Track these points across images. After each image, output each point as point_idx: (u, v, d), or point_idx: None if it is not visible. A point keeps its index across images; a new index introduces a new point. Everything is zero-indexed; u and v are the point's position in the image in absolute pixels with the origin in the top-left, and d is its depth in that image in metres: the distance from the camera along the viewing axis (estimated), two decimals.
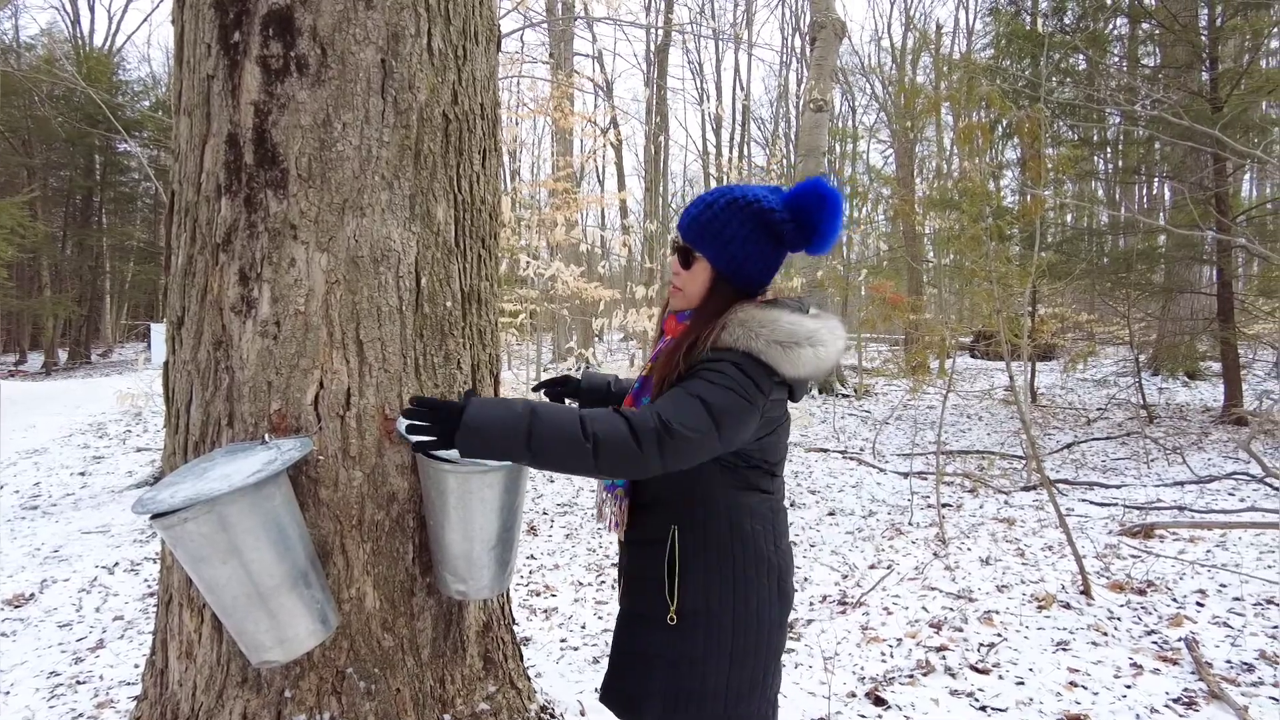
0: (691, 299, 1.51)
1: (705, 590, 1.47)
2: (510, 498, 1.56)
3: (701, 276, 1.48)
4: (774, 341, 1.40)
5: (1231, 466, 7.15)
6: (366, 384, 1.57)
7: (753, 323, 1.42)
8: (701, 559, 1.48)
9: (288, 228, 1.53)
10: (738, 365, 1.38)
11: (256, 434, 1.52)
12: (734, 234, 1.45)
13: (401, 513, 1.62)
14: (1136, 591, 3.90)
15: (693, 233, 1.48)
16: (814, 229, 1.45)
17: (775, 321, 1.43)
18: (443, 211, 1.71)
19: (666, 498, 1.52)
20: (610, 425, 1.27)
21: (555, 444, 1.25)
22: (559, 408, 1.32)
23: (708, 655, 1.46)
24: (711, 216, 1.46)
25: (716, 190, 1.50)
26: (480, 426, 1.23)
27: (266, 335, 1.53)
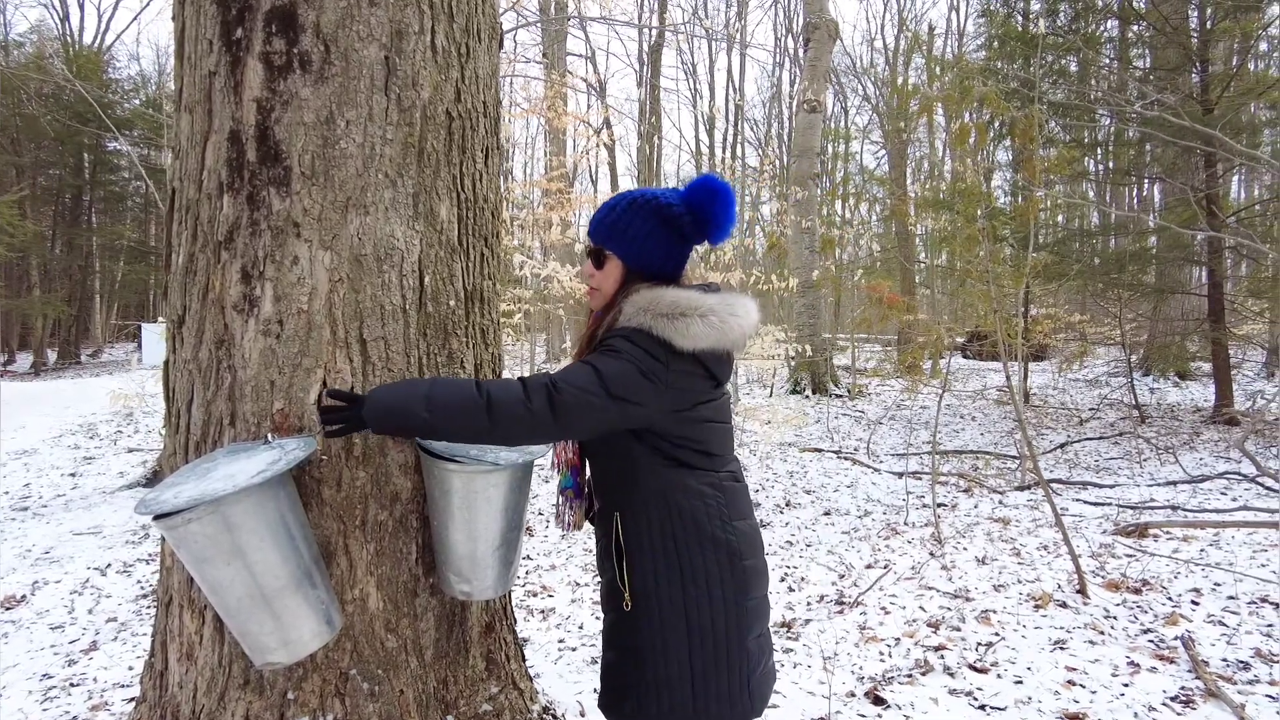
0: (607, 296, 1.59)
1: (653, 573, 1.50)
2: (515, 498, 1.56)
3: (613, 274, 1.58)
4: (660, 315, 1.48)
5: (1223, 466, 7.20)
6: (370, 383, 1.56)
7: (641, 300, 1.52)
8: (644, 541, 1.51)
9: (291, 226, 1.52)
10: (627, 338, 1.46)
11: (259, 434, 1.50)
12: (637, 231, 1.55)
13: (405, 513, 1.61)
14: (1132, 590, 3.92)
15: (601, 234, 1.58)
16: (709, 220, 1.57)
17: (661, 297, 1.51)
18: (446, 210, 1.70)
19: (606, 487, 1.58)
20: (503, 385, 1.35)
21: (451, 404, 1.32)
22: (458, 382, 1.38)
23: (666, 638, 1.49)
24: (616, 217, 1.56)
25: (619, 194, 1.60)
26: (382, 396, 1.34)
27: (269, 334, 1.51)
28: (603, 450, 1.54)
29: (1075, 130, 9.36)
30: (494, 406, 1.32)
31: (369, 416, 1.32)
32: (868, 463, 8.03)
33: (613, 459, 1.52)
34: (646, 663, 1.49)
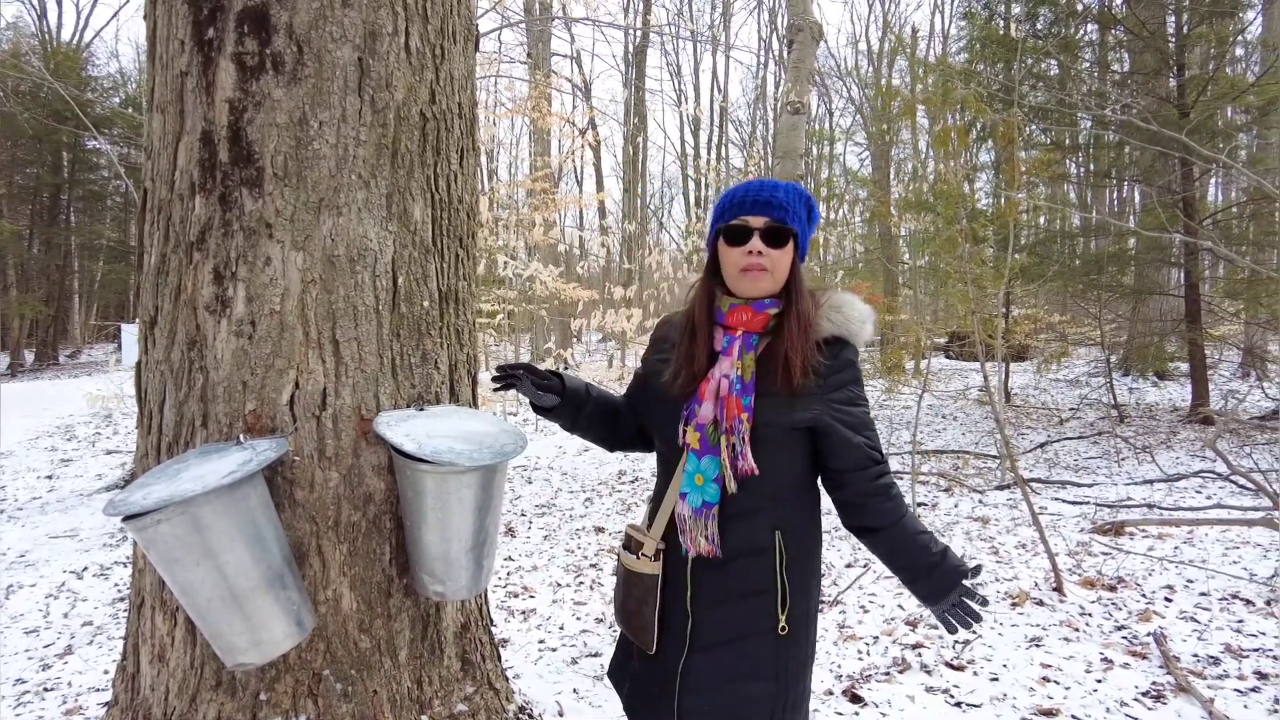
0: (779, 281, 1.50)
1: (808, 593, 1.51)
2: (488, 498, 1.56)
3: (789, 258, 1.50)
4: (863, 321, 1.53)
5: (1199, 465, 7.30)
6: (343, 384, 1.56)
7: (845, 307, 1.52)
8: (804, 562, 1.50)
9: (263, 226, 1.52)
10: (858, 365, 1.52)
11: (231, 435, 1.50)
12: (803, 215, 1.53)
13: (378, 514, 1.61)
14: (1107, 588, 3.97)
15: (790, 213, 1.50)
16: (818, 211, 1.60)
17: (855, 304, 1.55)
18: (420, 211, 1.70)
19: (763, 505, 1.48)
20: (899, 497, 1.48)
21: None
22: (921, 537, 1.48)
23: (806, 656, 1.51)
24: (798, 198, 1.52)
25: (765, 180, 1.55)
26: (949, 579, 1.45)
27: (241, 335, 1.51)
28: (784, 467, 1.48)
29: (1056, 133, 9.46)
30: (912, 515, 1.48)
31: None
32: None
33: (789, 476, 1.48)
34: (790, 685, 1.48)
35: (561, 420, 1.61)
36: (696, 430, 1.46)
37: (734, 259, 1.49)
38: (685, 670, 1.49)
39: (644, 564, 1.53)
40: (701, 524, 1.46)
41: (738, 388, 1.44)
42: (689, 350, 1.52)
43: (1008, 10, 11.54)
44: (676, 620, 1.51)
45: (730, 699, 1.45)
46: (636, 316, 7.04)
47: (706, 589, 1.49)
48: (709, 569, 1.48)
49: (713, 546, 1.47)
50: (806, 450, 1.48)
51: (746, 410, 1.42)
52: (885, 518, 1.46)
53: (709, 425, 1.45)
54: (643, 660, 1.58)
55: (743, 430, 1.41)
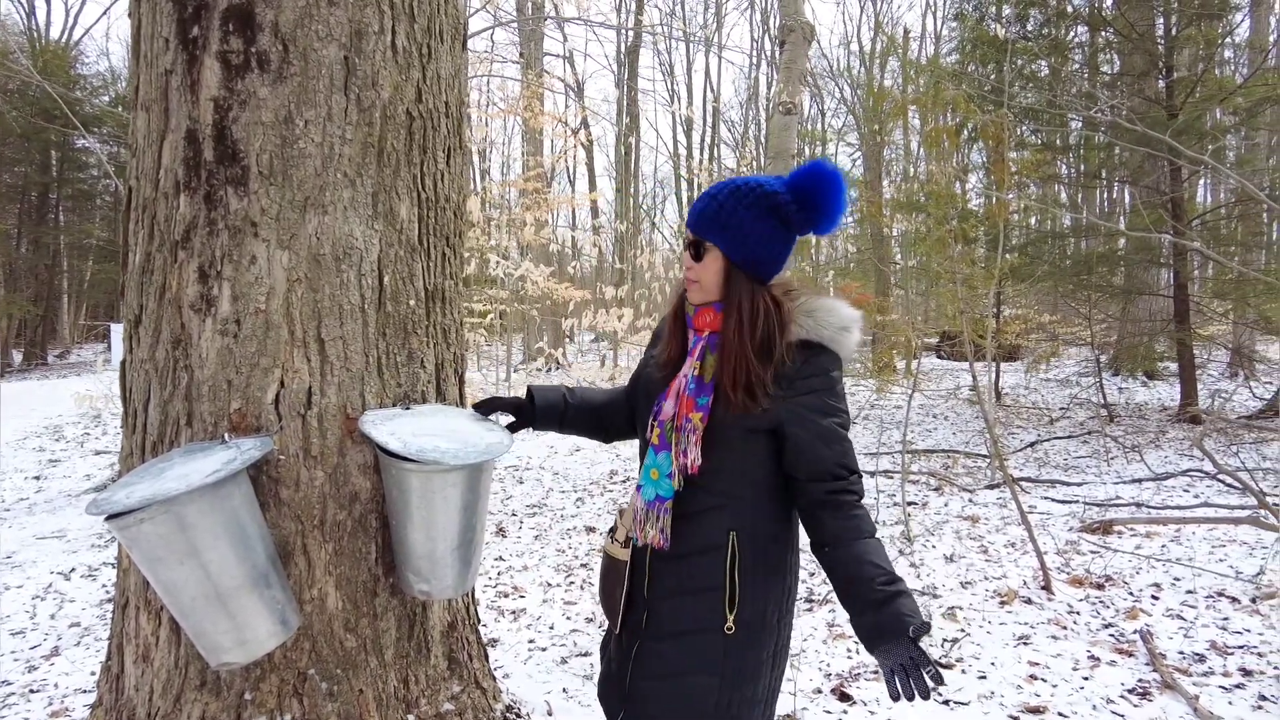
0: (709, 290, 1.51)
1: (765, 595, 1.49)
2: (473, 497, 1.56)
3: (713, 266, 1.48)
4: (841, 328, 1.48)
5: (1186, 464, 7.35)
6: (328, 383, 1.56)
7: (820, 312, 1.48)
8: (761, 566, 1.49)
9: (248, 225, 1.52)
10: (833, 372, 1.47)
11: (216, 434, 1.50)
12: (740, 220, 1.45)
13: (364, 513, 1.61)
14: (1095, 586, 3.99)
15: (701, 224, 1.49)
16: (817, 209, 1.47)
17: (834, 308, 1.50)
18: (406, 209, 1.70)
19: (721, 504, 1.50)
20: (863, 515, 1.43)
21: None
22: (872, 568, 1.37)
23: (761, 659, 1.49)
24: (718, 207, 1.47)
25: (721, 183, 1.52)
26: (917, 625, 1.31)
27: (226, 334, 1.51)
28: (740, 462, 1.49)
29: (1046, 134, 9.51)
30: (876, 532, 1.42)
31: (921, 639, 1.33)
32: None
33: (746, 476, 1.47)
34: (743, 683, 1.48)
35: (548, 429, 1.70)
36: (658, 426, 1.51)
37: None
38: (638, 655, 1.54)
39: (616, 549, 1.61)
40: (653, 517, 1.51)
41: (692, 388, 1.48)
42: (664, 349, 1.59)
43: (998, 12, 11.59)
44: (638, 608, 1.57)
45: (674, 688, 1.49)
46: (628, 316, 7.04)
47: (661, 581, 1.53)
48: (665, 561, 1.52)
49: (661, 539, 1.50)
50: (771, 453, 1.47)
51: (701, 410, 1.45)
52: (835, 534, 1.41)
53: (668, 422, 1.49)
54: (615, 640, 1.65)
55: (689, 428, 1.45)
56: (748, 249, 1.47)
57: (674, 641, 1.51)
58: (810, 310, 1.48)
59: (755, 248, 1.47)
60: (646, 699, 1.52)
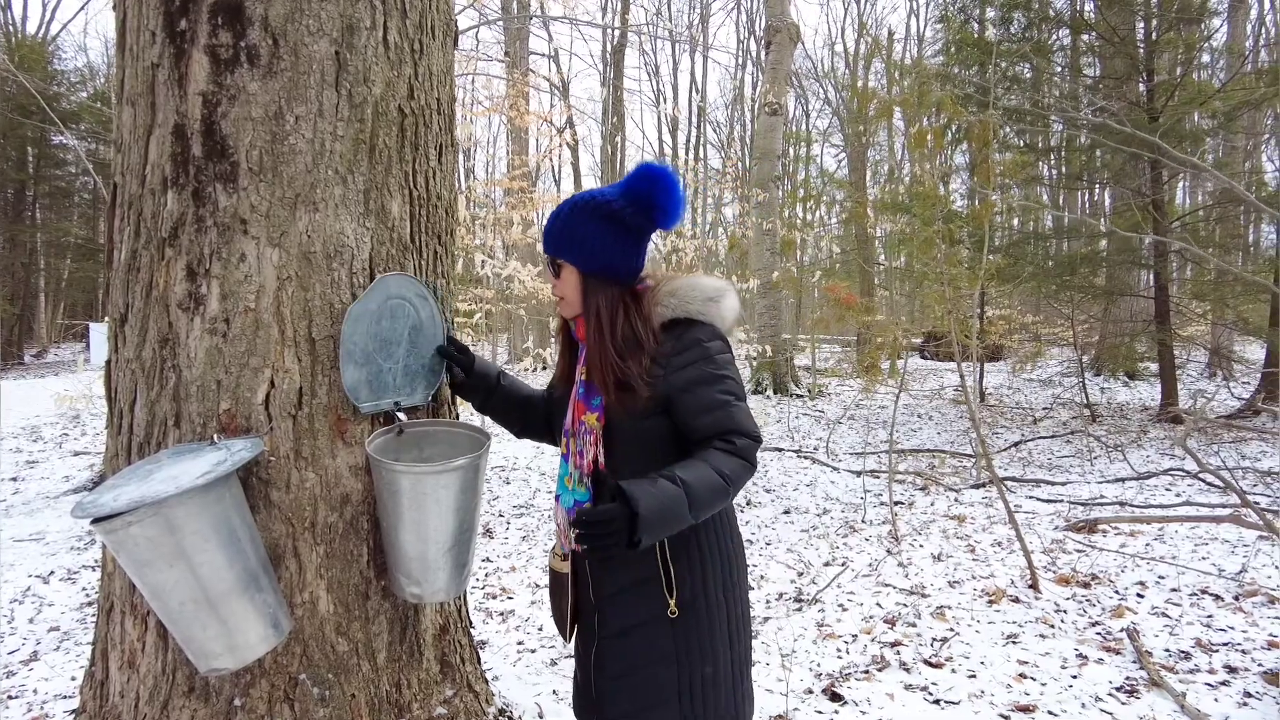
0: (574, 304, 1.58)
1: (703, 573, 1.53)
2: (466, 498, 1.54)
3: (572, 280, 1.56)
4: (707, 299, 1.55)
5: (1168, 463, 7.43)
6: (319, 383, 1.54)
7: (682, 290, 1.55)
8: (689, 547, 1.53)
9: (237, 222, 1.49)
10: (705, 338, 1.50)
11: (205, 435, 1.47)
12: (584, 234, 1.52)
13: (355, 515, 1.58)
14: (1081, 585, 4.02)
15: (551, 244, 1.57)
16: (652, 207, 1.53)
17: (696, 283, 1.57)
18: (398, 207, 1.68)
19: None
20: (731, 463, 1.40)
21: (709, 501, 1.37)
22: (695, 470, 1.38)
23: (714, 637, 1.53)
24: (562, 225, 1.54)
25: (564, 202, 1.58)
26: (654, 518, 1.30)
27: (215, 333, 1.48)
28: (643, 451, 1.50)
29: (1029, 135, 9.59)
30: (734, 485, 1.40)
31: (645, 535, 1.29)
32: (827, 461, 8.12)
33: (654, 463, 1.45)
34: (696, 664, 1.51)
35: (472, 399, 1.77)
36: (564, 436, 1.60)
37: None
38: (597, 656, 1.57)
39: (556, 561, 1.66)
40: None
41: (582, 392, 1.56)
42: (557, 367, 1.71)
43: (982, 13, 11.68)
44: (588, 612, 1.61)
45: (638, 681, 1.52)
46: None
47: (603, 581, 1.57)
48: (602, 564, 1.57)
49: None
50: (672, 432, 1.50)
51: (594, 410, 1.52)
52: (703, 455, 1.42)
53: (570, 430, 1.57)
54: (576, 652, 1.70)
55: (585, 430, 1.52)
56: (596, 258, 1.54)
57: (625, 638, 1.54)
58: (672, 290, 1.56)
59: (603, 255, 1.54)
60: (614, 699, 1.55)
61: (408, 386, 1.66)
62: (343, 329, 1.52)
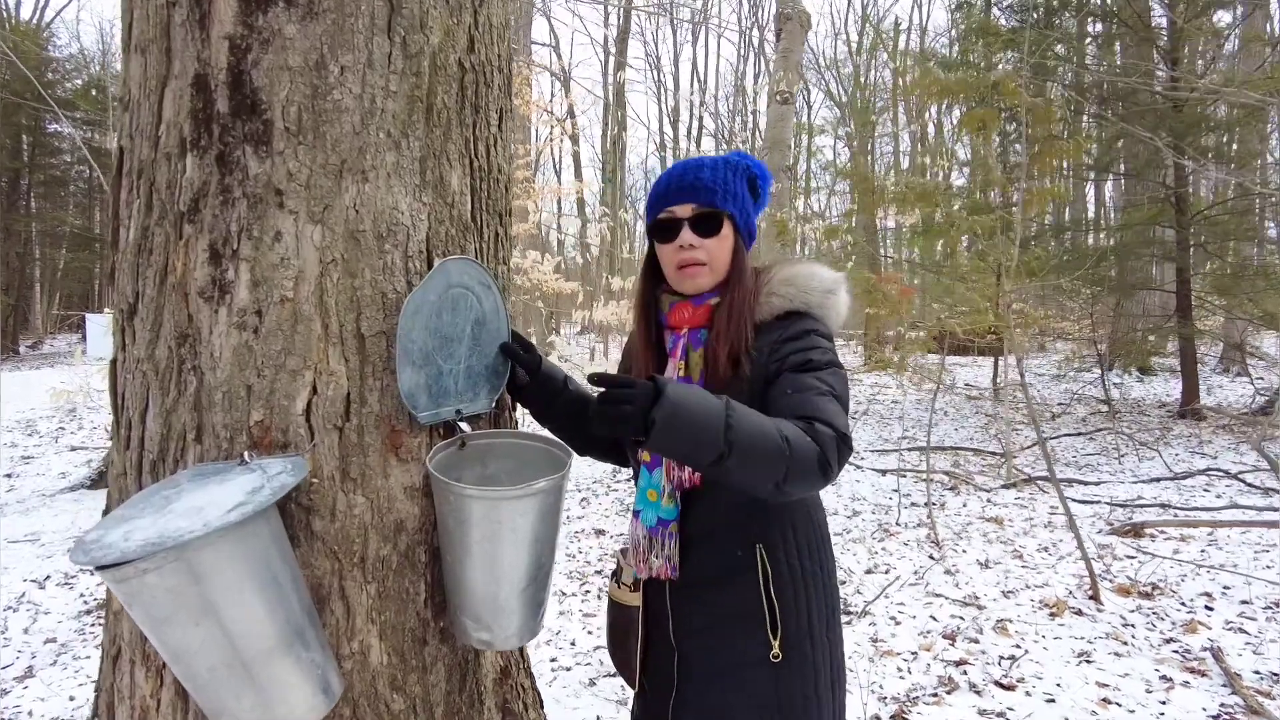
0: (720, 271, 1.39)
1: (808, 608, 1.34)
2: (545, 527, 1.29)
3: (728, 243, 1.39)
4: (826, 291, 1.38)
5: (1201, 462, 7.20)
6: (369, 388, 1.28)
7: (800, 279, 1.38)
8: (796, 578, 1.34)
9: (271, 193, 1.23)
10: (817, 330, 1.33)
11: (233, 452, 1.21)
12: (740, 192, 1.41)
13: (411, 545, 1.33)
14: (1143, 595, 3.79)
15: (715, 194, 1.38)
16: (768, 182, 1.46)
17: (815, 272, 1.40)
18: (458, 179, 1.41)
19: (734, 517, 1.34)
20: (797, 436, 1.12)
21: (754, 442, 1.08)
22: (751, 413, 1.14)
23: (818, 684, 1.33)
24: (721, 177, 1.39)
25: (699, 158, 1.43)
26: (678, 409, 1.06)
27: (245, 328, 1.22)
28: None
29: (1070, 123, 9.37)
30: (794, 460, 1.10)
31: (661, 422, 1.04)
32: (850, 460, 7.87)
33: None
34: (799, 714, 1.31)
35: (533, 405, 1.53)
36: None
37: (668, 256, 1.41)
38: (676, 706, 1.38)
39: (624, 593, 1.46)
40: (658, 544, 1.37)
41: None
42: (639, 363, 1.47)
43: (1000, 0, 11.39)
44: (664, 654, 1.41)
45: None
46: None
47: (687, 617, 1.38)
48: (687, 595, 1.37)
49: (669, 568, 1.36)
50: None
51: None
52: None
53: None
54: (640, 700, 1.49)
55: None
56: (748, 220, 1.43)
57: (714, 685, 1.34)
58: (789, 278, 1.39)
59: (750, 220, 1.44)
60: None
61: (470, 391, 1.40)
62: (399, 323, 1.26)
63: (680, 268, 1.38)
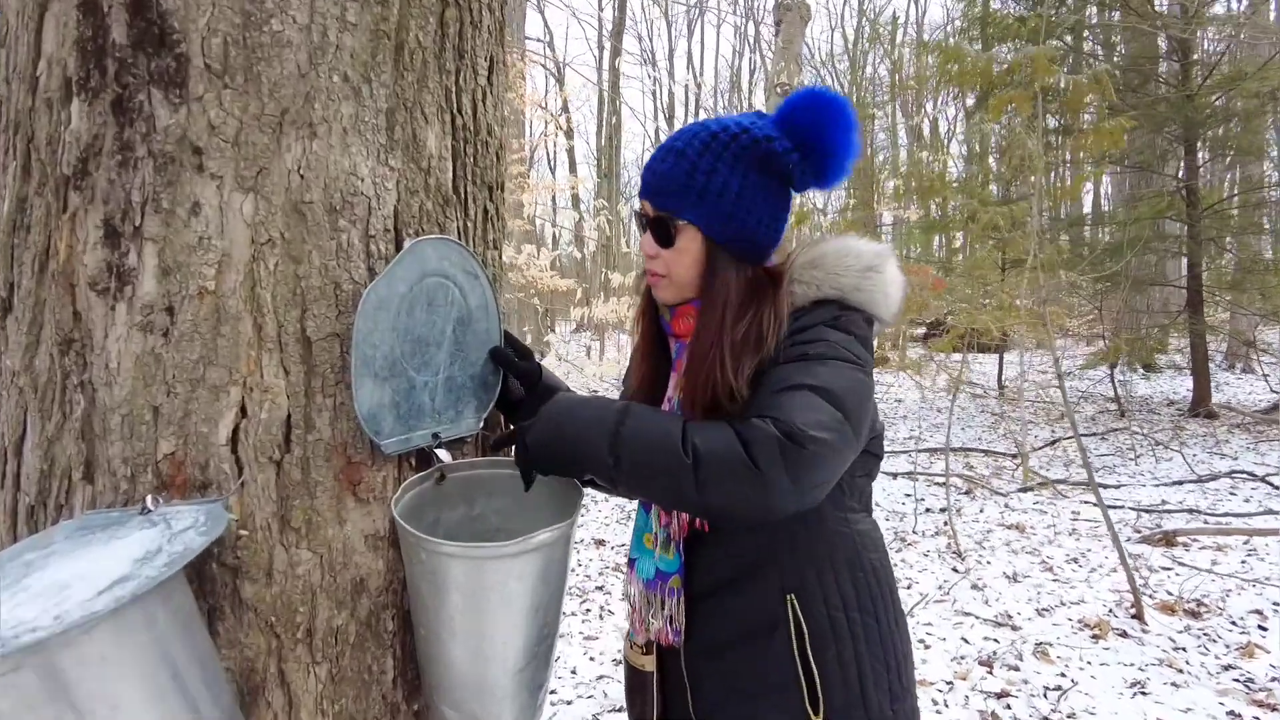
0: (684, 286, 1.11)
1: (859, 675, 1.06)
2: (549, 591, 1.00)
3: (692, 250, 1.08)
4: (866, 269, 1.07)
5: (1223, 464, 6.95)
6: (317, 408, 0.98)
7: (828, 259, 1.08)
8: (844, 630, 1.06)
9: (187, 152, 0.92)
10: (833, 323, 1.02)
11: (134, 495, 0.91)
12: (724, 184, 1.05)
13: (374, 609, 1.03)
14: (1189, 613, 3.51)
15: (665, 192, 1.08)
16: (826, 153, 1.06)
17: (848, 248, 1.09)
18: (435, 139, 1.12)
19: (755, 560, 1.08)
20: (715, 434, 0.90)
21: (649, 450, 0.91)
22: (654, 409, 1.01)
23: None
24: (688, 166, 1.06)
25: (684, 130, 1.11)
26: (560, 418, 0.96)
27: (151, 330, 0.92)
28: None
29: None
30: (703, 464, 0.88)
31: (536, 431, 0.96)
32: None
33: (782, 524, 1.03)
34: None
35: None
36: None
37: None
38: None
39: (636, 655, 1.20)
40: (656, 602, 1.13)
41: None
42: (635, 375, 1.24)
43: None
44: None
45: None
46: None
47: (708, 687, 1.13)
48: (706, 660, 1.12)
49: (671, 632, 1.12)
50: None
51: None
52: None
53: None
54: None
55: None
56: (735, 220, 1.06)
57: None
58: (814, 260, 1.08)
59: (745, 217, 1.06)
60: None
61: (451, 409, 1.10)
62: (356, 323, 0.96)
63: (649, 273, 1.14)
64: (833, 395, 0.93)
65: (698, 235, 1.07)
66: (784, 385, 0.95)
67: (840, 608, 1.08)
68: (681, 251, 1.08)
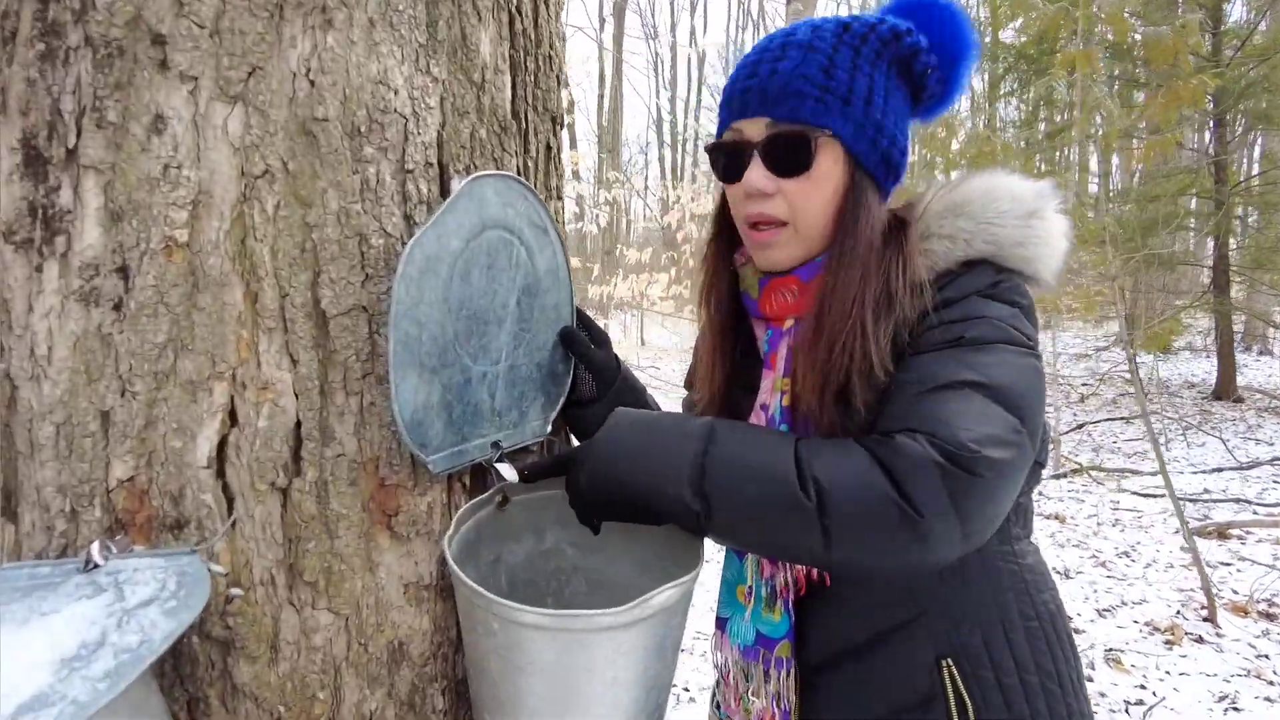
0: (816, 235, 0.82)
1: None
2: (663, 665, 0.72)
3: (834, 179, 0.80)
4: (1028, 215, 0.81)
5: (1259, 450, 6.72)
6: (336, 412, 0.69)
7: (974, 204, 0.81)
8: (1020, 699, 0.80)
9: (144, 41, 0.64)
10: (992, 292, 0.77)
11: (74, 540, 0.63)
12: (870, 86, 0.80)
13: (419, 683, 0.75)
14: (1265, 616, 3.27)
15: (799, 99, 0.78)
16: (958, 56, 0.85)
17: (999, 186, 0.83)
18: (489, 44, 0.82)
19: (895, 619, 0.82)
20: (844, 461, 0.66)
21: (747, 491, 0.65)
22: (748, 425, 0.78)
23: None
24: (824, 62, 0.79)
25: (795, 26, 0.83)
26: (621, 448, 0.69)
27: (96, 300, 0.64)
28: None
29: None
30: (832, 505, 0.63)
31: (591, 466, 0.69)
32: None
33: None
34: None
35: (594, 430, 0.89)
36: None
37: (737, 205, 0.85)
38: None
39: None
40: (758, 675, 0.86)
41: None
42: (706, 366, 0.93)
43: None
44: None
45: None
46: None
47: None
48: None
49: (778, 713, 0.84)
50: None
51: None
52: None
53: None
54: None
55: None
56: (886, 137, 0.81)
57: None
58: (957, 205, 0.82)
59: (896, 134, 0.83)
60: None
61: (514, 409, 0.82)
62: (395, 291, 0.67)
63: (749, 227, 0.84)
64: (1005, 395, 0.69)
65: (842, 156, 0.80)
66: (935, 384, 0.71)
67: (1013, 671, 0.82)
68: (820, 180, 0.80)
